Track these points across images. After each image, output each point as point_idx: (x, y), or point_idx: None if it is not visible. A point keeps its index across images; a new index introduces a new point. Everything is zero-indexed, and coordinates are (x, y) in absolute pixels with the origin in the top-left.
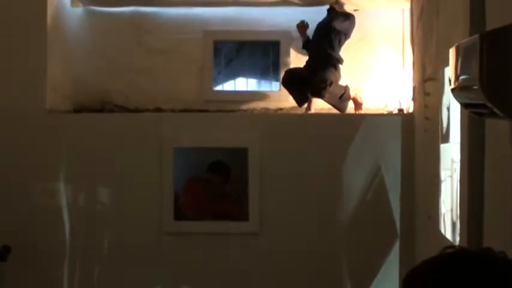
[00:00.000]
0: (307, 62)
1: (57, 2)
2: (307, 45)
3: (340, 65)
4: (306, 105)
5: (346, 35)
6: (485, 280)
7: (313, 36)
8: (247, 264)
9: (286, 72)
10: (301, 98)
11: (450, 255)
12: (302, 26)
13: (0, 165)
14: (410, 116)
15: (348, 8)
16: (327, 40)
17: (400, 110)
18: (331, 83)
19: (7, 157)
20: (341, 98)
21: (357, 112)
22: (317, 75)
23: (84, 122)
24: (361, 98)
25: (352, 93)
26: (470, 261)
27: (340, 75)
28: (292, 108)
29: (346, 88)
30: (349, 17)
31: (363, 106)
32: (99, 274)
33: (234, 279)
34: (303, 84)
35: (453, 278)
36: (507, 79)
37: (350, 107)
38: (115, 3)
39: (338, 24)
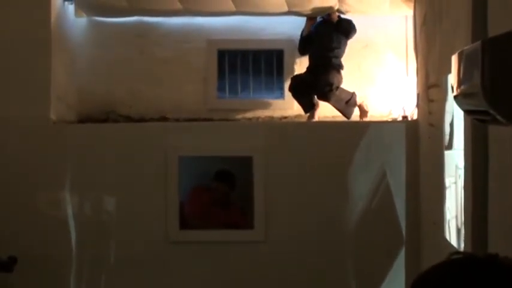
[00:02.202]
0: (309, 67)
1: (61, 13)
2: (306, 41)
3: (342, 70)
4: (309, 113)
5: (347, 42)
6: (493, 286)
7: (315, 40)
8: (252, 272)
9: (292, 79)
10: (308, 103)
11: (458, 261)
12: (312, 19)
13: (6, 175)
14: (414, 122)
15: (350, 15)
16: (331, 47)
17: (404, 117)
18: (337, 88)
19: (13, 167)
20: (347, 103)
21: (362, 120)
22: (321, 79)
23: (89, 132)
24: (367, 106)
25: (358, 101)
26: (478, 267)
27: (342, 79)
28: (296, 116)
29: (353, 94)
30: (355, 28)
31: (368, 114)
32: (105, 283)
33: (239, 287)
34: (308, 89)
35: (461, 284)
36: (509, 85)
37: (355, 114)
38: (119, 14)
39: (352, 36)
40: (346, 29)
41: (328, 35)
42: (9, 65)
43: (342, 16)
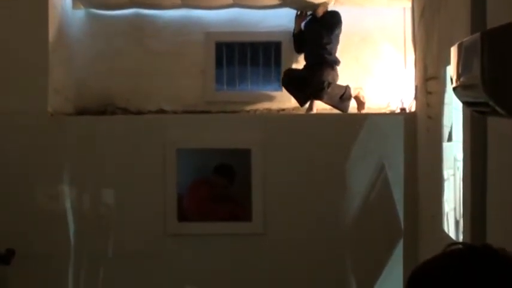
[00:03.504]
0: (305, 66)
1: (59, 5)
2: (299, 39)
3: (337, 66)
4: (307, 105)
5: (338, 35)
6: (491, 276)
7: (307, 38)
8: (251, 264)
9: (284, 72)
10: (302, 97)
11: (457, 252)
12: (302, 15)
13: (3, 168)
14: (412, 115)
15: (348, 8)
16: (322, 44)
17: (403, 109)
18: (329, 85)
19: (10, 160)
20: (341, 97)
21: (360, 111)
22: (314, 77)
23: (86, 124)
24: (364, 97)
25: (354, 92)
26: (477, 257)
27: (337, 76)
28: (294, 108)
29: (346, 88)
30: (341, 20)
31: (365, 105)
32: (103, 276)
33: (238, 279)
34: (302, 85)
35: (462, 275)
36: (508, 77)
37: (353, 106)
38: (116, 6)
39: (339, 30)
40: (329, 23)
41: (317, 32)
42: (6, 57)
43: (330, 9)
